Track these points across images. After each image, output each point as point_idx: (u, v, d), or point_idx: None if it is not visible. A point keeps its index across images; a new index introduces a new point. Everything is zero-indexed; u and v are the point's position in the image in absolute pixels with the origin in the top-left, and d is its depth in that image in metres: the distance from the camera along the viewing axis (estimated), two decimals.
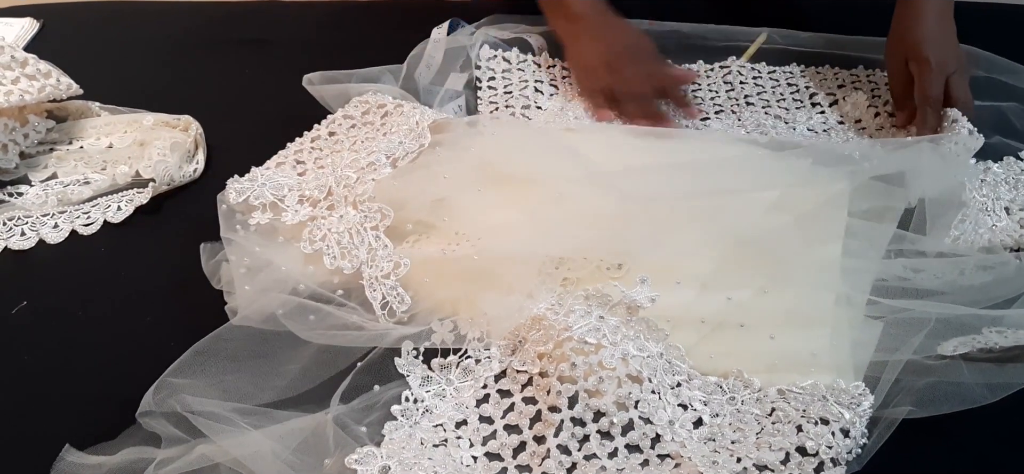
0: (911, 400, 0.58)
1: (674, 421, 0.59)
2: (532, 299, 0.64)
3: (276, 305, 0.65)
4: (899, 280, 0.67)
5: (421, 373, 0.62)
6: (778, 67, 0.95)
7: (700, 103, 0.91)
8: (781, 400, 0.59)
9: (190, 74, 1.00)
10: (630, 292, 0.63)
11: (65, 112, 0.91)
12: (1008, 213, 0.73)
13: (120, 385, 0.62)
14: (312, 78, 0.90)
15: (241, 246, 0.71)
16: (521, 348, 0.63)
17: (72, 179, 0.83)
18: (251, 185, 0.76)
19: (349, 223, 0.72)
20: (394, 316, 0.65)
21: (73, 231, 0.77)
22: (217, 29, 1.08)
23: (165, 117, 0.88)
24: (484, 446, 0.58)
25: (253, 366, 0.62)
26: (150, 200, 0.79)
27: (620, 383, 0.59)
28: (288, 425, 0.57)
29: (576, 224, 0.69)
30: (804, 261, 0.67)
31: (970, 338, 0.61)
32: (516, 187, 0.73)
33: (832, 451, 0.56)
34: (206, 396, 0.59)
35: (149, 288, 0.72)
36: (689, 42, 0.98)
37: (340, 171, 0.76)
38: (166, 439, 0.57)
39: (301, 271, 0.69)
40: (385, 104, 0.84)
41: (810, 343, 0.62)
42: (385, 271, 0.68)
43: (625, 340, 0.61)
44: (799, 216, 0.70)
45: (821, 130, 0.87)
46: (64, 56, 0.93)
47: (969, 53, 0.88)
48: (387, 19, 1.00)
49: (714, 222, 0.69)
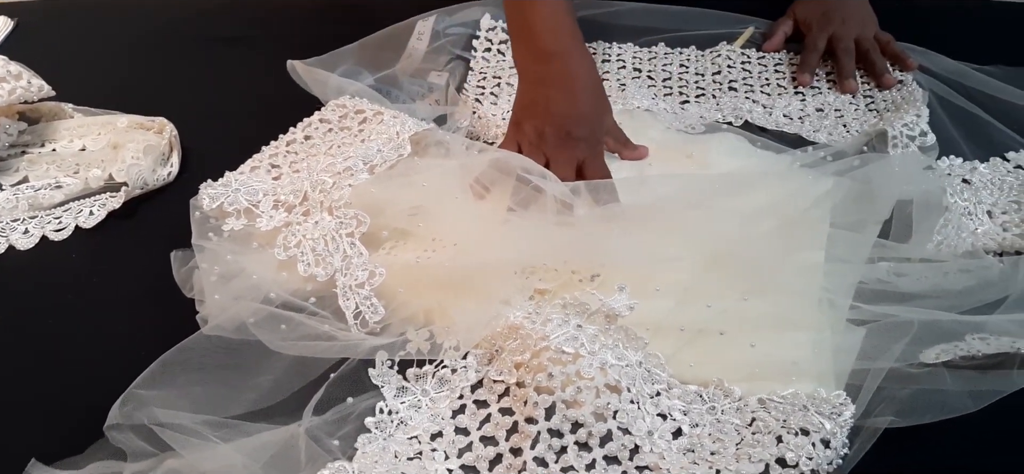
0: (893, 409, 0.57)
1: (653, 431, 0.58)
2: (508, 306, 0.63)
3: (248, 314, 0.64)
4: (882, 284, 0.66)
5: (396, 384, 0.61)
6: (768, 54, 0.98)
7: (684, 86, 0.93)
8: (761, 409, 0.58)
9: (166, 74, 0.99)
10: (608, 300, 0.61)
11: (38, 114, 0.89)
12: (990, 216, 0.73)
13: (89, 396, 0.60)
14: (295, 65, 0.90)
15: (213, 253, 0.69)
16: (498, 357, 0.62)
17: (43, 183, 0.81)
18: (225, 190, 0.75)
19: (324, 229, 0.71)
20: (367, 326, 0.64)
21: (44, 236, 0.76)
22: (195, 27, 1.07)
23: (140, 119, 0.86)
24: (460, 458, 0.57)
25: (224, 377, 0.60)
26: (123, 204, 0.78)
27: (598, 393, 0.58)
28: (259, 438, 0.56)
29: (552, 232, 0.68)
30: (786, 267, 0.67)
31: (953, 345, 0.60)
32: (494, 195, 0.72)
33: (812, 463, 0.55)
34: (175, 408, 0.58)
35: (121, 296, 0.71)
36: (686, 29, 1.00)
37: (316, 175, 0.75)
38: (133, 453, 0.56)
39: (273, 278, 0.68)
40: (363, 110, 0.83)
41: (791, 351, 0.61)
42: (359, 280, 0.66)
43: (603, 349, 0.60)
44: (781, 222, 0.69)
45: (797, 116, 0.88)
46: (39, 55, 0.92)
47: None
48: (367, 18, 0.99)
49: (694, 229, 0.68)
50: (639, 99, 0.90)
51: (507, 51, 0.96)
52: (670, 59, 0.97)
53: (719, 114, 0.89)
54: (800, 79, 0.92)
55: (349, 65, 0.92)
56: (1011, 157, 0.80)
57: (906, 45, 0.95)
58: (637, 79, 0.94)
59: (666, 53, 0.98)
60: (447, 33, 0.97)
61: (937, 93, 0.89)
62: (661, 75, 0.95)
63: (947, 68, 0.92)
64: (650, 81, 0.94)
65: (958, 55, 0.94)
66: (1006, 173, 0.78)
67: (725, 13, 1.02)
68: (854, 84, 0.91)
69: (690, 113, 0.89)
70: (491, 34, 0.98)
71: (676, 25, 1.01)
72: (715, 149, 0.81)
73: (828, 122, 0.87)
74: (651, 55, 0.98)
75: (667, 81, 0.94)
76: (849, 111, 0.88)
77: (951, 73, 0.92)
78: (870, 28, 0.96)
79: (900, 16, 1.00)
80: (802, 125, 0.87)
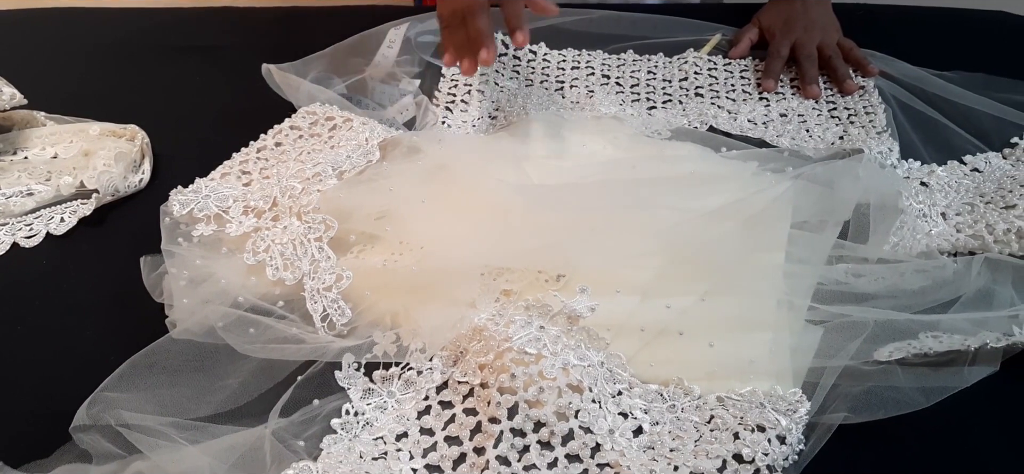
0: (847, 406, 0.58)
1: (614, 430, 0.59)
2: (473, 309, 0.64)
3: (216, 318, 0.64)
4: (839, 284, 0.67)
5: (362, 386, 0.62)
6: (734, 61, 0.99)
7: (652, 92, 0.95)
8: (720, 407, 0.60)
9: (138, 81, 0.99)
10: (570, 302, 0.63)
11: (9, 122, 0.89)
12: (945, 218, 0.74)
13: (57, 400, 0.61)
14: (271, 69, 0.92)
15: (182, 258, 0.70)
16: (463, 359, 0.63)
17: (15, 191, 0.81)
18: (195, 196, 0.75)
19: (293, 234, 0.71)
20: (334, 329, 0.65)
21: (14, 243, 0.76)
22: (167, 35, 1.07)
23: (111, 126, 0.87)
24: (424, 458, 0.58)
25: (191, 379, 0.61)
26: (94, 211, 0.78)
27: (560, 393, 0.59)
28: (225, 440, 0.57)
29: (518, 235, 0.69)
30: (746, 268, 0.68)
31: (906, 343, 0.62)
32: (460, 199, 0.73)
33: (768, 458, 0.56)
34: (142, 410, 0.58)
35: (90, 301, 0.71)
36: (654, 36, 1.02)
37: (285, 181, 0.75)
38: (100, 456, 0.56)
39: (242, 283, 0.68)
40: (333, 117, 0.84)
41: (749, 350, 0.62)
42: (327, 283, 0.67)
43: (566, 350, 0.61)
44: (741, 223, 0.70)
45: (761, 122, 0.90)
46: (9, 64, 0.92)
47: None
48: (337, 25, 1.00)
49: (655, 230, 0.69)
50: (607, 105, 0.91)
51: None
52: (638, 66, 0.99)
53: (685, 119, 0.90)
54: (764, 85, 0.94)
55: (320, 71, 0.93)
56: (968, 160, 0.82)
57: (868, 51, 0.97)
58: (606, 85, 0.96)
59: (634, 60, 1.00)
60: (419, 41, 0.98)
61: (898, 98, 0.91)
62: (629, 81, 0.96)
63: (907, 74, 0.94)
64: (618, 87, 0.95)
65: (918, 61, 0.96)
66: (962, 176, 0.80)
67: (693, 21, 1.04)
68: (817, 90, 0.93)
69: (657, 119, 0.90)
70: None
71: (644, 32, 1.02)
72: (680, 153, 0.82)
73: (791, 127, 0.89)
74: (619, 62, 1.00)
75: (635, 87, 0.96)
76: (812, 116, 0.90)
77: (911, 79, 0.94)
78: (832, 35, 0.98)
79: (862, 23, 1.02)
80: (766, 130, 0.88)
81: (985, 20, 1.07)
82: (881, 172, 0.77)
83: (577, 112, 0.90)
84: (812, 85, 0.93)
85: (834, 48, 0.96)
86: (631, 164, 0.80)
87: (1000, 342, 0.60)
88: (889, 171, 0.78)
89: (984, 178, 0.79)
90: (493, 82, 0.94)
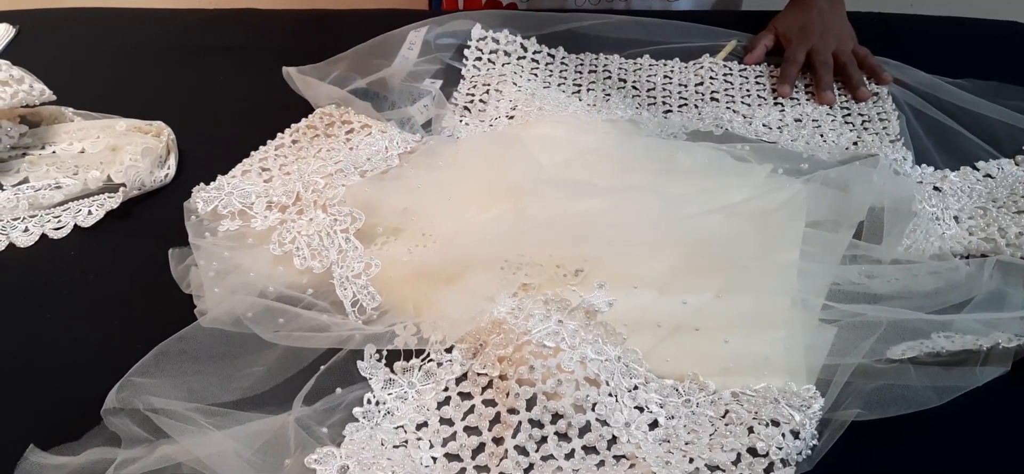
0: (860, 403, 0.59)
1: (630, 423, 0.60)
2: (493, 302, 0.65)
3: (244, 308, 0.66)
4: (853, 284, 0.68)
5: (383, 376, 0.63)
6: (750, 66, 1.01)
7: (667, 96, 0.96)
8: (734, 402, 0.61)
9: (164, 80, 1.01)
10: (588, 297, 0.64)
11: (38, 117, 0.91)
12: (957, 221, 0.75)
13: (86, 387, 0.63)
14: (291, 72, 0.93)
15: (210, 251, 0.71)
16: (482, 351, 0.64)
17: (44, 183, 0.83)
18: (218, 194, 0.77)
19: (319, 226, 0.73)
20: (364, 314, 0.66)
21: (43, 235, 0.78)
22: (192, 36, 1.09)
23: (138, 123, 0.88)
24: (444, 447, 0.59)
25: (218, 367, 0.62)
26: (121, 205, 0.80)
27: (578, 386, 0.60)
28: (251, 426, 0.58)
29: (539, 229, 0.70)
30: (761, 266, 0.69)
31: (918, 343, 0.62)
32: (485, 195, 0.74)
33: (782, 452, 0.57)
34: (170, 396, 0.60)
35: (117, 291, 0.73)
36: (671, 42, 1.03)
37: (308, 177, 0.77)
38: (129, 439, 0.57)
39: (269, 273, 0.70)
40: (350, 121, 0.86)
41: (764, 347, 0.63)
42: (356, 271, 0.69)
43: (583, 344, 0.62)
44: (757, 223, 0.71)
45: (776, 127, 0.91)
46: (40, 62, 0.94)
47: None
48: (356, 28, 1.01)
49: (673, 228, 0.70)
50: (623, 109, 0.93)
51: (497, 60, 0.99)
52: (654, 70, 1.00)
53: (701, 124, 0.91)
54: (779, 91, 0.95)
55: (341, 71, 0.95)
56: (980, 166, 0.83)
57: (882, 59, 0.98)
58: (622, 89, 0.97)
59: (651, 64, 1.01)
60: (438, 43, 1.00)
61: (911, 105, 0.92)
62: (645, 86, 0.98)
63: (921, 81, 0.95)
64: (635, 91, 0.97)
65: (931, 69, 0.97)
66: (975, 182, 0.80)
67: (709, 27, 1.05)
68: (831, 96, 0.94)
69: (673, 122, 0.91)
70: (482, 44, 1.00)
71: (661, 38, 1.04)
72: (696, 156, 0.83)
73: (806, 132, 0.90)
74: (636, 66, 1.01)
75: (651, 91, 0.97)
76: (826, 122, 0.91)
77: (925, 86, 0.95)
78: (847, 42, 0.99)
79: (876, 31, 1.04)
80: (781, 135, 0.89)
81: (997, 30, 1.08)
82: (895, 176, 0.78)
83: (593, 114, 0.91)
84: (827, 91, 0.94)
85: (849, 55, 0.97)
86: (647, 163, 0.81)
87: (1012, 343, 0.61)
88: (903, 175, 0.79)
89: (997, 183, 0.80)
90: (511, 83, 0.96)
